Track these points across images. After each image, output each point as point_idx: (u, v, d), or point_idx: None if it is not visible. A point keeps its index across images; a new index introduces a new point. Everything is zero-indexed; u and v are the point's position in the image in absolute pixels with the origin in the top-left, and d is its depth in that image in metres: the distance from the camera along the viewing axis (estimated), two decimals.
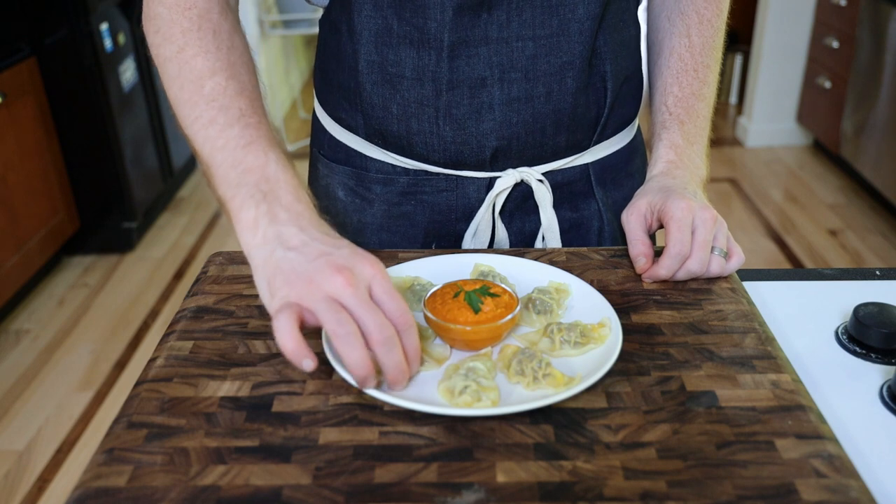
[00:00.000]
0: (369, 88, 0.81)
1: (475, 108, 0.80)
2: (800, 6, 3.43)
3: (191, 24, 0.73)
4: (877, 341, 0.70)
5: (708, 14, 0.87)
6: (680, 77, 0.86)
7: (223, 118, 0.69)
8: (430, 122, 0.81)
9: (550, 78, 0.79)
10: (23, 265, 2.48)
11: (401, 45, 0.78)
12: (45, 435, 2.02)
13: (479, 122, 0.80)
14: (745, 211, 3.12)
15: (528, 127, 0.81)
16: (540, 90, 0.80)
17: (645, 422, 0.57)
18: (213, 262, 0.81)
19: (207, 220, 3.18)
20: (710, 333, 0.67)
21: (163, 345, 0.67)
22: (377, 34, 0.79)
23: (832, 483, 0.51)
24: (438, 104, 0.80)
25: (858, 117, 3.06)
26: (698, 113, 0.86)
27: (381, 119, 0.83)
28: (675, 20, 0.87)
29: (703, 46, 0.86)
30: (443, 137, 0.81)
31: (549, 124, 0.82)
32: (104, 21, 2.69)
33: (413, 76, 0.79)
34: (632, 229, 0.78)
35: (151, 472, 0.53)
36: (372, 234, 0.90)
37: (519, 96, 0.80)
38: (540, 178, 0.86)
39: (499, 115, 0.80)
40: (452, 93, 0.79)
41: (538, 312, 0.70)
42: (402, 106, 0.81)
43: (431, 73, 0.78)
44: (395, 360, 0.57)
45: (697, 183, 0.81)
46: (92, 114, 2.69)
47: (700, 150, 0.85)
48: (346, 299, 0.57)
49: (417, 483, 0.52)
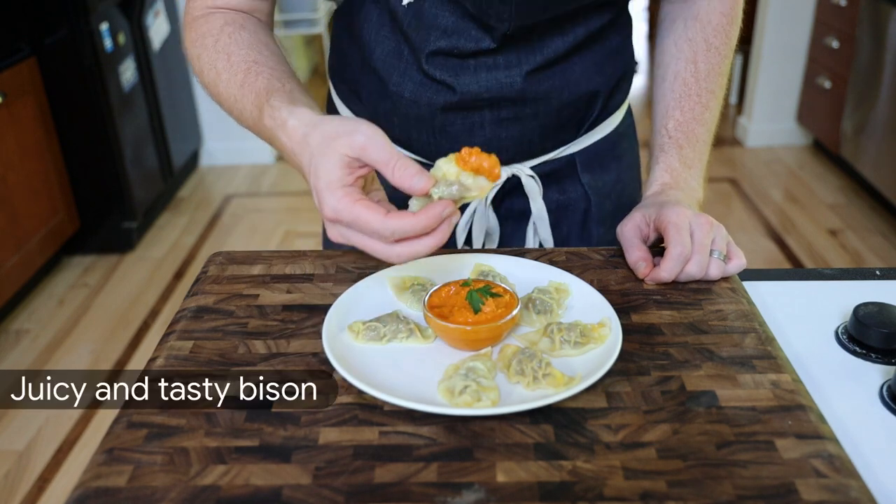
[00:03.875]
0: (375, 99, 0.86)
1: (467, 127, 0.85)
2: (800, 6, 3.43)
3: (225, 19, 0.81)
4: (877, 341, 0.70)
5: (717, 42, 0.87)
6: (682, 102, 0.87)
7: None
8: (427, 135, 0.86)
9: (537, 103, 0.84)
10: (23, 265, 2.48)
11: (406, 70, 0.83)
12: (45, 435, 2.02)
13: (471, 137, 0.85)
14: (744, 211, 3.12)
15: (515, 140, 0.86)
16: (527, 112, 0.84)
17: (645, 422, 0.57)
18: (213, 262, 0.81)
19: (207, 220, 3.17)
20: (710, 333, 0.67)
21: (163, 345, 0.67)
22: (387, 55, 0.83)
23: (832, 483, 0.51)
24: (434, 124, 0.84)
25: (858, 117, 3.06)
26: (698, 137, 0.86)
27: (384, 125, 0.85)
28: (682, 46, 0.88)
29: (708, 73, 0.87)
30: (439, 147, 0.86)
31: (537, 136, 0.87)
32: (104, 21, 2.69)
33: (411, 98, 0.83)
34: (627, 238, 0.79)
35: (151, 471, 0.53)
36: None
37: (508, 117, 0.84)
38: (530, 174, 0.89)
39: (489, 132, 0.85)
40: (446, 115, 0.84)
41: (538, 312, 0.70)
42: (402, 118, 0.86)
43: (427, 100, 0.83)
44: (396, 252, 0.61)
45: (693, 203, 0.82)
46: (92, 114, 2.69)
47: (697, 174, 0.86)
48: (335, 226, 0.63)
49: (417, 483, 0.52)
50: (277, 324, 0.70)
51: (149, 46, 3.03)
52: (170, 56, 3.23)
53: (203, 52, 0.79)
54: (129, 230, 2.89)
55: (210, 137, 3.64)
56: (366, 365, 0.63)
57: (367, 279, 0.75)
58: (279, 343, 0.67)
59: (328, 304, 0.70)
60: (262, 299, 0.73)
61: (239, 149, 3.61)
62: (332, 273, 0.78)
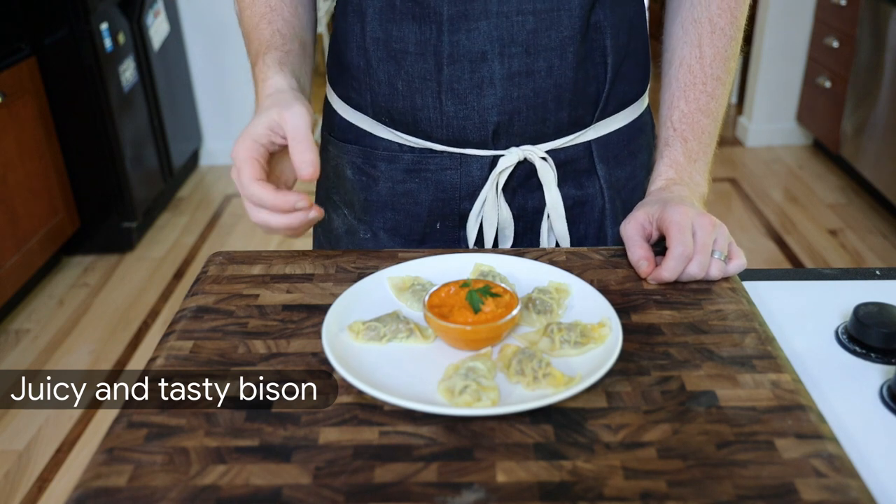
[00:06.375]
0: (375, 65, 0.84)
1: (476, 82, 0.81)
2: (800, 6, 3.43)
3: None
4: (877, 341, 0.70)
5: (721, 23, 0.85)
6: (687, 91, 0.85)
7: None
8: (433, 98, 0.82)
9: (551, 52, 0.80)
10: (23, 265, 2.48)
11: (403, 20, 0.80)
12: (45, 435, 2.02)
13: (480, 96, 0.81)
14: (745, 211, 3.12)
15: (529, 102, 0.82)
16: (541, 64, 0.80)
17: (645, 422, 0.57)
18: (213, 261, 0.81)
19: (207, 220, 3.17)
20: (710, 333, 0.67)
21: (163, 345, 0.67)
22: (381, 11, 0.81)
23: (832, 483, 0.51)
24: (441, 78, 0.81)
25: (858, 117, 3.06)
26: (703, 129, 0.85)
27: (388, 96, 0.85)
28: (688, 28, 0.86)
29: (713, 58, 0.85)
30: (445, 113, 0.83)
31: (551, 99, 0.82)
32: (104, 21, 2.69)
33: (416, 51, 0.81)
34: (630, 236, 0.78)
35: (151, 471, 0.53)
36: (377, 212, 0.91)
37: (520, 71, 0.80)
38: (543, 157, 0.86)
39: (500, 90, 0.81)
40: (453, 67, 0.80)
41: (538, 312, 0.70)
42: (406, 82, 0.83)
43: (433, 48, 0.80)
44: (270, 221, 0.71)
45: (697, 199, 0.81)
46: (92, 114, 2.69)
47: (702, 167, 0.85)
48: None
49: (417, 483, 0.52)
50: (277, 324, 0.70)
51: (149, 46, 3.03)
52: (170, 56, 3.23)
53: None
54: (129, 230, 2.89)
55: (210, 137, 3.64)
56: (366, 365, 0.63)
57: (366, 279, 0.75)
58: (279, 343, 0.67)
59: (328, 304, 0.70)
60: (262, 299, 0.73)
61: None
62: (332, 273, 0.78)
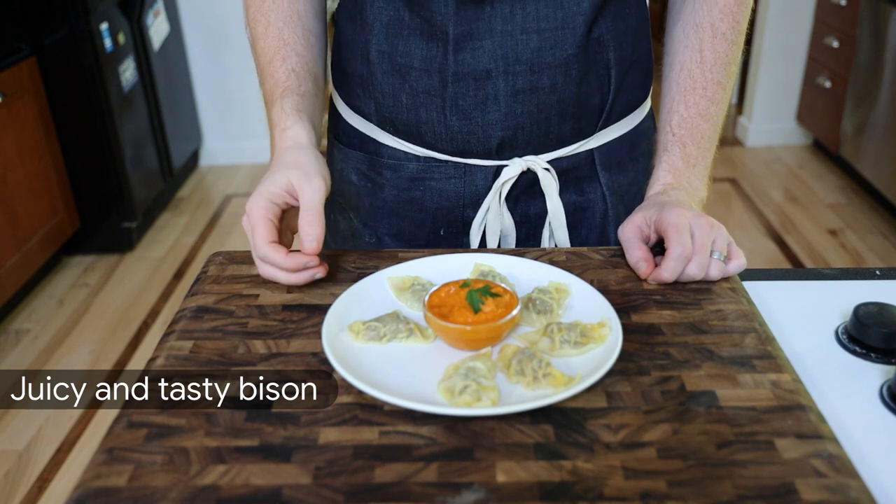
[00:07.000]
0: (380, 77, 0.84)
1: (481, 99, 0.81)
2: (800, 6, 3.43)
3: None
4: (877, 341, 0.70)
5: (723, 27, 0.84)
6: (687, 96, 0.85)
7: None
8: (437, 112, 0.83)
9: (555, 70, 0.80)
10: (23, 265, 2.48)
11: (411, 36, 0.81)
12: (45, 435, 2.02)
13: (484, 112, 0.82)
14: (745, 211, 3.11)
15: (533, 117, 0.83)
16: (545, 82, 0.81)
17: (645, 422, 0.57)
18: (213, 261, 0.81)
19: (207, 220, 3.17)
20: (710, 333, 0.67)
21: (163, 345, 0.67)
22: (388, 25, 0.82)
23: (832, 483, 0.51)
24: (445, 95, 0.81)
25: (858, 117, 3.06)
26: (702, 134, 0.85)
27: (392, 108, 0.85)
28: (689, 32, 0.86)
29: (714, 62, 0.85)
30: (450, 127, 0.83)
31: (554, 114, 0.83)
32: (104, 21, 2.69)
33: (421, 67, 0.81)
34: (627, 239, 0.78)
35: (151, 471, 0.53)
36: (382, 217, 0.92)
37: (524, 88, 0.81)
38: (546, 167, 0.86)
39: (504, 107, 0.81)
40: (458, 84, 0.81)
41: (538, 312, 0.70)
42: (410, 96, 0.83)
43: (438, 65, 0.80)
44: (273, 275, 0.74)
45: (695, 203, 0.81)
46: (92, 114, 2.69)
47: (701, 172, 0.85)
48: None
49: (417, 483, 0.52)
50: (277, 324, 0.70)
51: (149, 46, 3.03)
52: (170, 56, 3.23)
53: (251, 3, 0.87)
54: (129, 230, 2.89)
55: (210, 137, 3.64)
56: (366, 365, 0.63)
57: (367, 279, 0.75)
58: (279, 343, 0.67)
59: (328, 304, 0.70)
60: (262, 299, 0.73)
61: (239, 149, 3.61)
62: (332, 273, 0.78)
